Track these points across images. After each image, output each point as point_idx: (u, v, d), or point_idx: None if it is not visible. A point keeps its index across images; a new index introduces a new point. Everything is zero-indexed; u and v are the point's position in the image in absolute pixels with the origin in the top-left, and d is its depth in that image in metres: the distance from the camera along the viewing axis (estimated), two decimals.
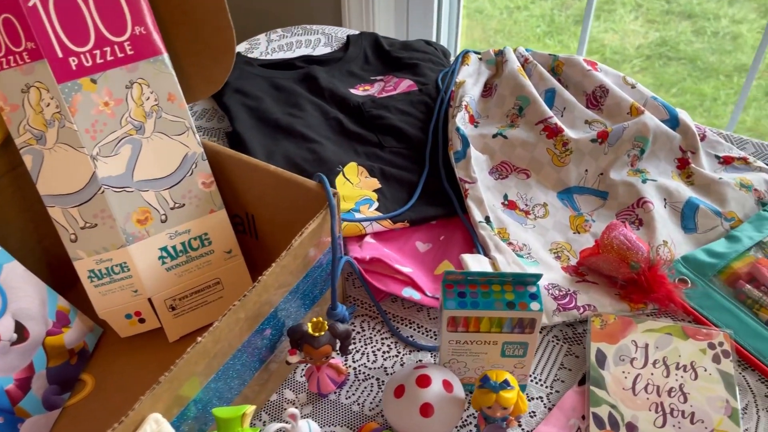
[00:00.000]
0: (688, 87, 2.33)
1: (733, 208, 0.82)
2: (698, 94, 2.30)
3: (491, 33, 2.63)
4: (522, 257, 0.77)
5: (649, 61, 2.46)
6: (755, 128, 2.17)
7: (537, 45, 2.51)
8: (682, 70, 2.39)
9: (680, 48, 2.50)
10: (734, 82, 2.28)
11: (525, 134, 0.89)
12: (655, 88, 2.31)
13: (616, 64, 2.45)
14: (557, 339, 0.72)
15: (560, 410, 0.65)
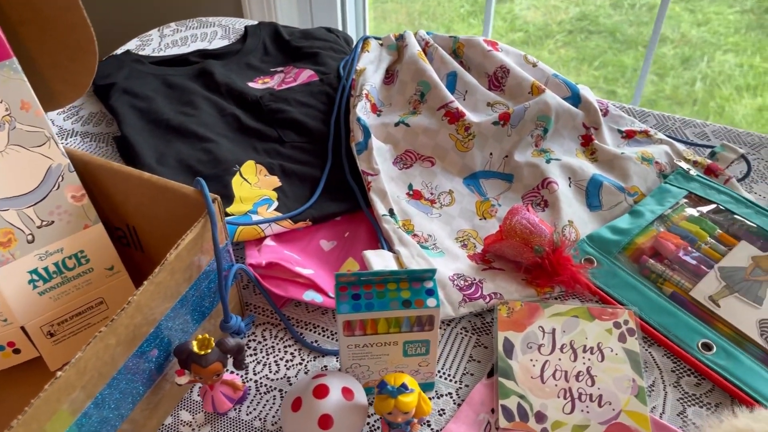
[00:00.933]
0: (609, 59, 2.37)
1: (636, 183, 0.82)
2: (619, 66, 2.34)
3: (416, 15, 2.60)
4: (427, 249, 0.75)
5: (572, 36, 2.49)
6: (674, 96, 2.22)
7: (462, 25, 2.50)
8: (603, 43, 2.43)
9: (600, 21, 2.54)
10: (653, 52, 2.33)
11: (427, 121, 0.86)
12: (578, 62, 2.34)
13: (540, 41, 2.46)
14: (466, 331, 0.70)
15: (469, 406, 0.63)
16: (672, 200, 0.79)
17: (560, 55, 2.41)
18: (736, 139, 0.90)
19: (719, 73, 2.29)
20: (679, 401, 0.63)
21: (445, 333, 0.69)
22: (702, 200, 0.79)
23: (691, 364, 0.65)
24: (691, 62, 2.33)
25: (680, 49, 2.38)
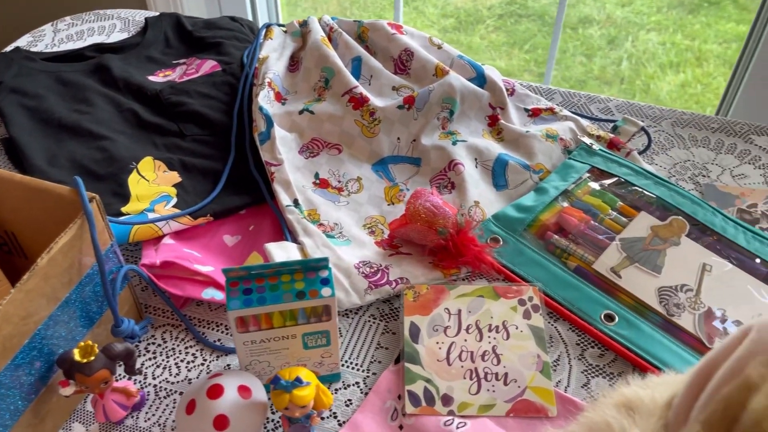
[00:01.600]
0: (539, 42, 2.39)
1: (541, 160, 0.82)
2: (548, 48, 2.36)
3: (347, 5, 2.57)
4: (333, 237, 0.73)
5: (502, 20, 2.50)
6: (602, 76, 2.26)
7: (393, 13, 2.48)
8: (533, 26, 2.46)
9: (529, 5, 2.56)
10: (579, 34, 2.37)
11: (332, 107, 0.84)
12: (509, 46, 2.36)
13: (471, 26, 2.47)
14: (374, 318, 0.69)
15: (375, 394, 0.62)
16: (575, 175, 0.80)
17: (491, 40, 2.43)
18: (639, 113, 0.92)
19: (644, 51, 2.35)
20: (583, 373, 0.64)
21: (353, 322, 0.68)
22: (604, 174, 0.80)
23: (594, 336, 0.66)
24: (617, 42, 2.38)
25: (606, 29, 2.43)
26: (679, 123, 0.91)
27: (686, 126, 0.90)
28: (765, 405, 0.30)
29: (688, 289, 0.68)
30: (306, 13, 2.50)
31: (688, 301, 0.67)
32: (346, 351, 0.66)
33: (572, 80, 2.19)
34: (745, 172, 0.84)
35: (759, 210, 0.78)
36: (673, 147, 0.87)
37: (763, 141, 0.88)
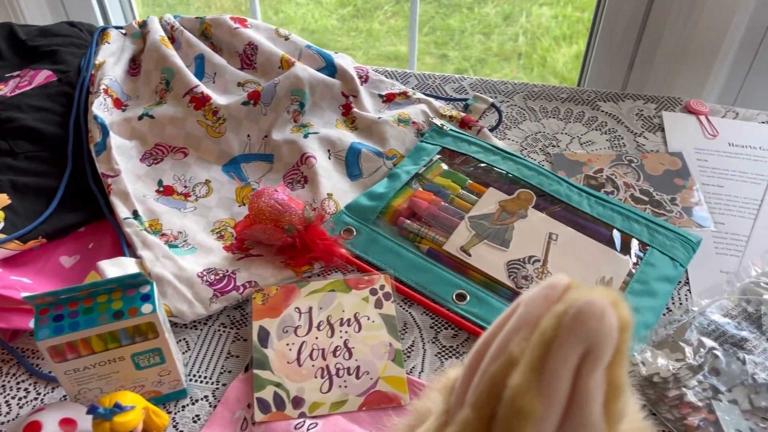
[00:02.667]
0: (438, 24, 2.39)
1: (394, 146, 0.82)
2: (447, 29, 2.37)
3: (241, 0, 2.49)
4: (176, 247, 0.70)
5: (399, 5, 2.49)
6: (501, 52, 2.28)
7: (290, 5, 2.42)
8: (430, 8, 2.46)
9: None
10: (476, 13, 2.38)
11: (173, 110, 0.80)
12: (407, 29, 2.34)
13: (369, 13, 2.44)
14: (224, 326, 0.66)
15: (224, 406, 0.59)
16: (426, 158, 0.79)
17: (391, 25, 2.41)
18: (492, 89, 0.93)
19: (538, 26, 2.40)
20: (437, 356, 0.64)
21: (201, 333, 0.65)
22: (455, 153, 0.80)
23: (446, 317, 0.66)
24: (512, 18, 2.42)
25: (501, 7, 2.46)
26: (531, 96, 0.92)
27: (537, 98, 0.92)
28: (520, 382, 0.29)
29: (536, 260, 0.69)
30: (146, 10, 2.38)
31: (535, 272, 0.68)
32: (194, 364, 0.63)
33: (472, 59, 2.21)
34: (593, 138, 0.86)
35: (604, 175, 0.80)
36: (525, 120, 0.89)
37: (608, 107, 0.90)
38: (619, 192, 0.78)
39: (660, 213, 0.76)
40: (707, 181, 0.80)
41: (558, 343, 0.29)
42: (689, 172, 0.81)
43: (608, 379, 0.29)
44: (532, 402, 0.29)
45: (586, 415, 0.29)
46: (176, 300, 0.64)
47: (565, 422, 0.29)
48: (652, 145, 0.85)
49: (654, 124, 0.88)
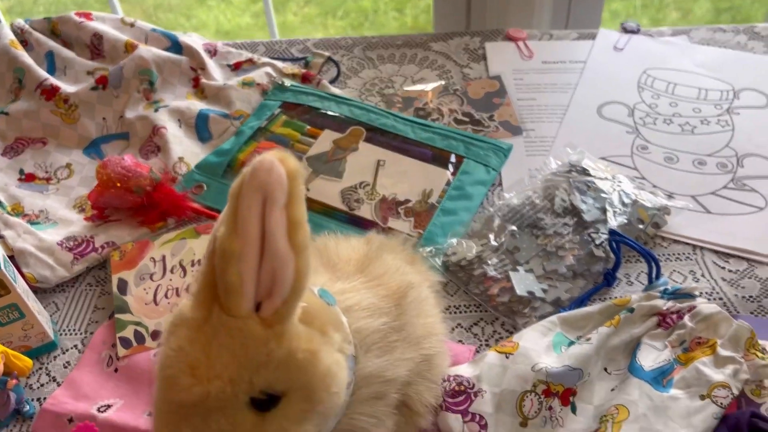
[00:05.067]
0: (350, 7, 2.43)
1: (240, 107, 0.89)
2: (361, 10, 2.41)
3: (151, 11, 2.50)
4: (38, 224, 0.76)
5: None
6: (415, 26, 2.31)
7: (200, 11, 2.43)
8: None
9: None
10: None
11: (26, 104, 0.86)
12: (323, 16, 2.37)
13: (282, 5, 2.47)
14: (90, 286, 0.73)
15: (91, 349, 0.66)
16: (269, 113, 0.87)
17: (305, 14, 2.45)
18: (334, 46, 1.01)
19: None
20: None
21: (70, 294, 0.72)
22: (295, 105, 0.88)
23: None
24: None
25: None
26: (369, 47, 1.00)
27: (375, 48, 1.00)
28: (222, 231, 0.37)
29: (366, 185, 0.78)
30: None
31: (365, 194, 0.77)
32: (64, 321, 0.70)
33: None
34: (425, 75, 0.95)
35: (431, 105, 0.89)
36: (363, 69, 0.97)
37: (438, 46, 0.99)
38: (444, 118, 0.87)
39: (479, 130, 0.85)
40: (522, 96, 0.90)
41: (242, 195, 0.37)
42: (506, 91, 0.90)
43: (288, 217, 0.37)
44: (232, 242, 0.37)
45: (275, 247, 0.37)
46: (39, 267, 0.70)
47: (263, 257, 0.38)
48: (476, 74, 0.94)
49: (478, 55, 0.98)
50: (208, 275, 0.39)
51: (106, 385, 0.64)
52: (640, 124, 0.84)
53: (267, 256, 0.37)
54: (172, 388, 0.38)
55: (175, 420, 0.38)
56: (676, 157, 0.80)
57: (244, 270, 0.37)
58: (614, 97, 0.88)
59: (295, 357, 0.39)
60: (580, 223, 0.70)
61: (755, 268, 0.68)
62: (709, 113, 0.85)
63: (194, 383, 0.38)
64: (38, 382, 0.65)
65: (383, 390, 0.47)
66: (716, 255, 0.70)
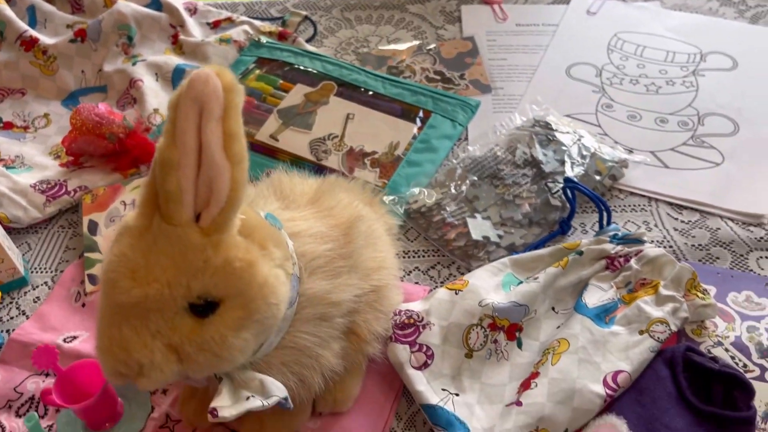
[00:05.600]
0: None
1: (215, 62, 0.90)
2: None
3: None
4: (13, 168, 0.78)
5: None
6: None
7: None
8: None
9: None
10: None
11: (6, 55, 0.88)
12: None
13: None
14: (62, 228, 0.75)
15: (60, 285, 0.69)
16: (243, 67, 0.88)
17: None
18: (313, 6, 1.02)
19: None
20: None
21: (43, 235, 0.74)
22: (269, 61, 0.89)
23: None
24: None
25: None
26: (347, 8, 1.02)
27: (353, 9, 1.01)
28: (161, 141, 0.39)
29: (334, 136, 0.80)
30: None
31: (333, 146, 0.79)
32: (36, 260, 0.72)
33: None
34: (400, 36, 0.96)
35: (405, 64, 0.91)
36: (340, 29, 0.98)
37: (415, 8, 1.01)
38: (416, 75, 0.89)
39: (449, 87, 0.87)
40: (494, 56, 0.91)
41: (179, 106, 0.39)
42: (478, 52, 0.92)
43: (224, 129, 0.39)
44: (170, 152, 0.39)
45: (211, 157, 0.39)
46: (12, 208, 0.73)
47: (200, 167, 0.39)
48: (450, 35, 0.96)
49: (454, 17, 0.99)
50: (150, 186, 0.41)
51: (73, 319, 0.66)
52: (606, 84, 0.86)
53: (204, 166, 0.39)
54: (114, 290, 0.40)
55: (117, 320, 0.41)
56: (639, 116, 0.81)
57: (183, 179, 0.39)
58: (583, 58, 0.89)
59: (231, 265, 0.41)
60: (539, 174, 0.72)
61: (707, 219, 0.70)
62: (675, 75, 0.86)
63: (134, 286, 0.40)
64: (8, 315, 0.67)
65: (328, 312, 0.50)
66: (670, 207, 0.72)
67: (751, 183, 0.72)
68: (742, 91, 0.83)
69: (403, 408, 0.58)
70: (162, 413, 0.58)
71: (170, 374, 0.42)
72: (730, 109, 0.81)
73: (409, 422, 0.57)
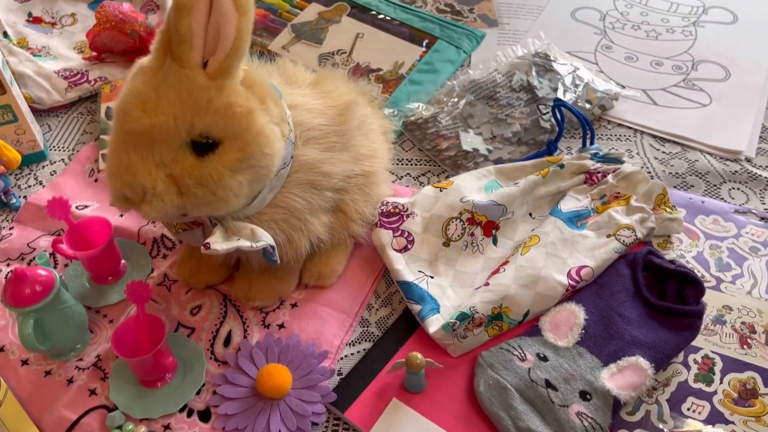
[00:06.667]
0: None
1: None
2: None
3: None
4: (39, 56, 0.83)
5: None
6: None
7: None
8: None
9: None
10: None
11: None
12: None
13: None
14: (81, 114, 0.80)
15: (76, 162, 0.74)
16: None
17: None
18: None
19: None
20: None
21: (63, 118, 0.79)
22: None
23: None
24: None
25: None
26: None
27: None
28: None
29: (343, 52, 0.84)
30: None
31: (341, 60, 0.83)
32: (55, 139, 0.77)
33: None
34: None
35: None
36: None
37: None
38: (427, 6, 0.92)
39: (458, 19, 0.90)
40: None
41: None
42: None
43: None
44: None
45: (221, 5, 0.43)
46: (36, 89, 0.77)
47: (211, 14, 0.44)
48: None
49: None
50: (165, 33, 0.46)
51: (86, 191, 0.71)
52: (609, 27, 0.89)
53: (214, 12, 0.44)
54: (125, 119, 0.45)
55: (126, 147, 0.45)
56: (635, 57, 0.85)
57: (194, 22, 0.44)
58: (589, 3, 0.92)
59: (232, 108, 0.45)
60: (533, 98, 0.76)
61: (687, 152, 0.74)
62: (676, 24, 0.89)
63: (143, 116, 0.44)
64: (26, 184, 0.73)
65: (318, 181, 0.54)
66: (654, 139, 0.75)
67: (733, 123, 0.75)
68: (737, 42, 0.86)
69: (382, 288, 0.63)
70: (160, 273, 0.63)
71: (170, 205, 0.46)
72: (724, 58, 0.84)
73: (386, 300, 0.62)
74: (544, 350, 0.55)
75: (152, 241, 0.66)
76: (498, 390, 0.53)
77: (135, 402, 0.55)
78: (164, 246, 0.66)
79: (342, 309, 0.60)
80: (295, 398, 0.54)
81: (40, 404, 0.55)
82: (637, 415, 0.53)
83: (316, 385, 0.55)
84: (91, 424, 0.54)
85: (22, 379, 0.57)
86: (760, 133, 0.75)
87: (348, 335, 0.59)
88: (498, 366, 0.54)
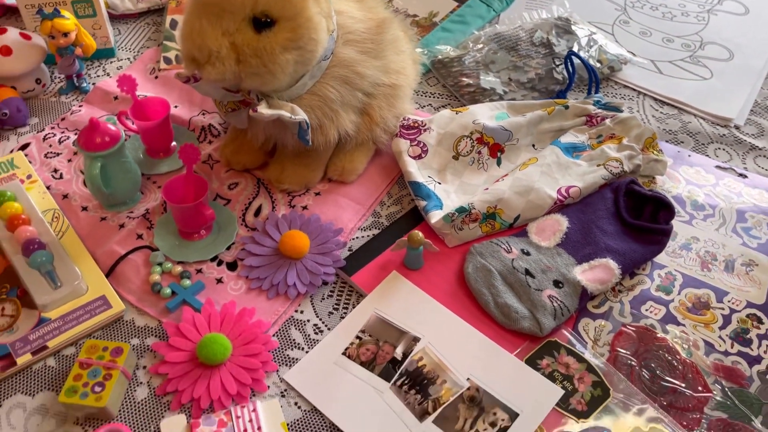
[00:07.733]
0: None
1: None
2: None
3: None
4: None
5: None
6: None
7: None
8: None
9: None
10: None
11: None
12: None
13: None
14: (148, 24, 0.90)
15: (140, 61, 0.84)
16: None
17: None
18: None
19: None
20: None
21: (131, 27, 0.89)
22: None
23: None
24: None
25: None
26: None
27: None
28: None
29: None
30: None
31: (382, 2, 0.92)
32: (123, 41, 0.87)
33: None
34: None
35: None
36: None
37: None
38: None
39: None
40: None
41: None
42: None
43: None
44: None
45: None
46: None
47: None
48: None
49: None
50: None
51: (146, 85, 0.81)
52: (629, 5, 0.97)
53: None
54: None
55: (199, 14, 0.55)
56: (649, 33, 0.93)
57: None
58: None
59: None
60: (550, 53, 0.84)
61: (682, 114, 0.81)
62: (692, 9, 0.97)
63: None
64: (96, 74, 0.83)
65: (352, 78, 0.63)
66: (654, 101, 0.83)
67: (729, 96, 0.83)
68: (746, 31, 0.93)
69: (395, 191, 0.72)
70: (205, 154, 0.73)
71: (229, 69, 0.55)
72: (731, 43, 0.91)
73: (397, 200, 0.71)
74: (528, 248, 0.63)
75: (200, 128, 0.75)
76: (483, 272, 0.61)
77: (175, 249, 0.64)
78: (210, 134, 0.75)
79: (359, 201, 0.69)
80: (311, 260, 0.63)
81: (94, 240, 0.65)
82: (601, 308, 0.61)
83: (329, 252, 0.64)
84: (136, 260, 0.63)
85: (81, 220, 0.66)
86: (751, 107, 0.82)
87: (361, 221, 0.68)
88: (486, 254, 0.63)
